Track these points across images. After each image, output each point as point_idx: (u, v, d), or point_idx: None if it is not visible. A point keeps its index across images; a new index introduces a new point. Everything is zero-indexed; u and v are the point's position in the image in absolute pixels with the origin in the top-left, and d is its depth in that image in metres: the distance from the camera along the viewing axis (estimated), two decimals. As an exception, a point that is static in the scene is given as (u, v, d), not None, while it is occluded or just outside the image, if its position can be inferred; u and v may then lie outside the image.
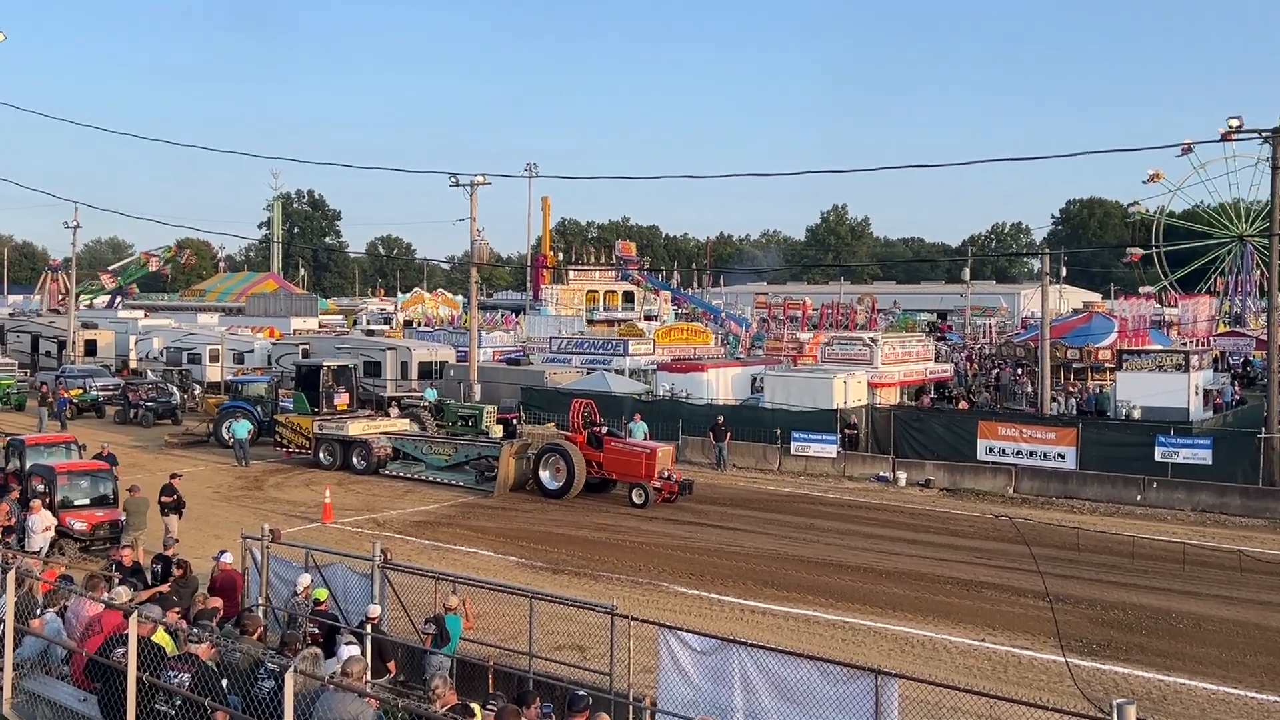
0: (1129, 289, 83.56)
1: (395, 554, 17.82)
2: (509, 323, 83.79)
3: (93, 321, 66.88)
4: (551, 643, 15.24)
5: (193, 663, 9.45)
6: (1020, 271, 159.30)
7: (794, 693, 11.04)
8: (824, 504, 30.74)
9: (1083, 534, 25.50)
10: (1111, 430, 33.58)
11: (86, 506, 23.24)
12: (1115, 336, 44.29)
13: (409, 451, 34.37)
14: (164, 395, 45.95)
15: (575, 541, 25.61)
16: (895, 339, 48.50)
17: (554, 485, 30.79)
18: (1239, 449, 30.44)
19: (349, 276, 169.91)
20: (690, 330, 61.13)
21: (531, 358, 54.94)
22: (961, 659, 17.42)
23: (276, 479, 33.32)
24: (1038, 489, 31.94)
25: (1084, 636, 18.43)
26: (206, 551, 18.53)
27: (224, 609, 13.84)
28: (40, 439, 27.80)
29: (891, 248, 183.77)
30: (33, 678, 11.03)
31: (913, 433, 35.17)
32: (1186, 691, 16.08)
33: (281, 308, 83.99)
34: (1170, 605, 20.46)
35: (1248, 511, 28.82)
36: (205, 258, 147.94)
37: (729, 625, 18.10)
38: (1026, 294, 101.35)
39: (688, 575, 22.44)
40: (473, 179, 43.69)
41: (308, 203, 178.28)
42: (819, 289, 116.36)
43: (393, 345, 51.08)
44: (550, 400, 40.78)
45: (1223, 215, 73.26)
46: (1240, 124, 30.25)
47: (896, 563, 23.68)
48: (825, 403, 36.82)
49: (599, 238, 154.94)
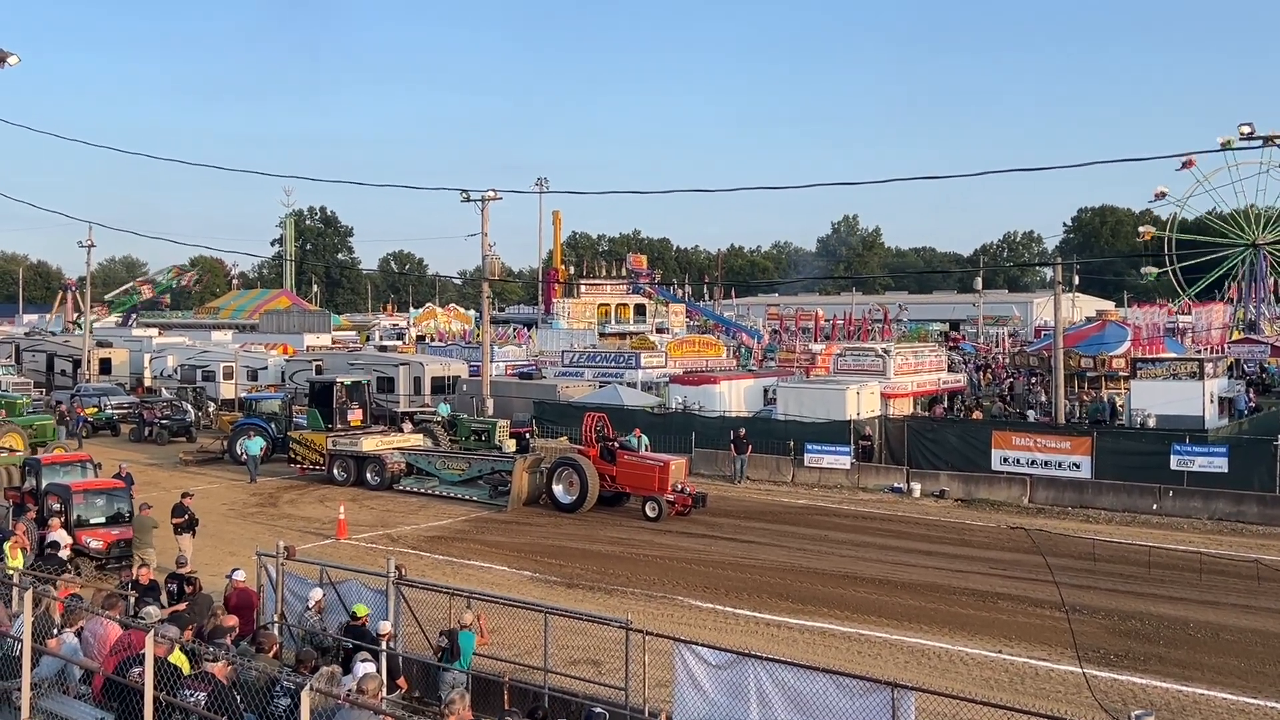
0: (1142, 297, 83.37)
1: (409, 569, 17.85)
2: (521, 337, 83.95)
3: (107, 340, 67.16)
4: (566, 657, 15.23)
5: (208, 681, 9.48)
6: (1033, 280, 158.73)
7: (810, 707, 11.01)
8: (838, 516, 30.66)
9: (1098, 544, 25.39)
10: (1127, 439, 33.43)
11: (102, 525, 23.29)
12: (1129, 344, 44.22)
13: (422, 467, 34.41)
14: (179, 413, 46.11)
15: (589, 556, 25.59)
16: (908, 349, 48.44)
17: (567, 499, 30.79)
18: (1256, 456, 30.24)
19: (361, 292, 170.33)
20: (702, 343, 61.14)
21: (544, 371, 55.01)
22: (978, 670, 17.34)
23: (291, 495, 33.40)
24: (1053, 498, 31.80)
25: (1101, 647, 18.32)
26: (222, 569, 18.56)
27: (239, 627, 13.86)
28: (56, 458, 27.90)
29: (903, 258, 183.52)
30: (50, 697, 11.06)
31: (926, 443, 35.07)
32: (1205, 702, 15.97)
33: (295, 324, 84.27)
34: (1188, 615, 20.34)
35: (1265, 519, 28.63)
36: (219, 275, 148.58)
37: (744, 639, 18.05)
38: (1039, 303, 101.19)
39: (702, 589, 22.39)
40: (484, 194, 43.81)
41: (320, 219, 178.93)
42: (830, 300, 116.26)
43: (405, 361, 51.18)
44: (563, 414, 40.79)
45: (1235, 223, 73.06)
46: (1251, 130, 30.11)
47: (911, 574, 23.59)
48: (838, 414, 36.78)
49: (610, 251, 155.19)
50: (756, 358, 63.82)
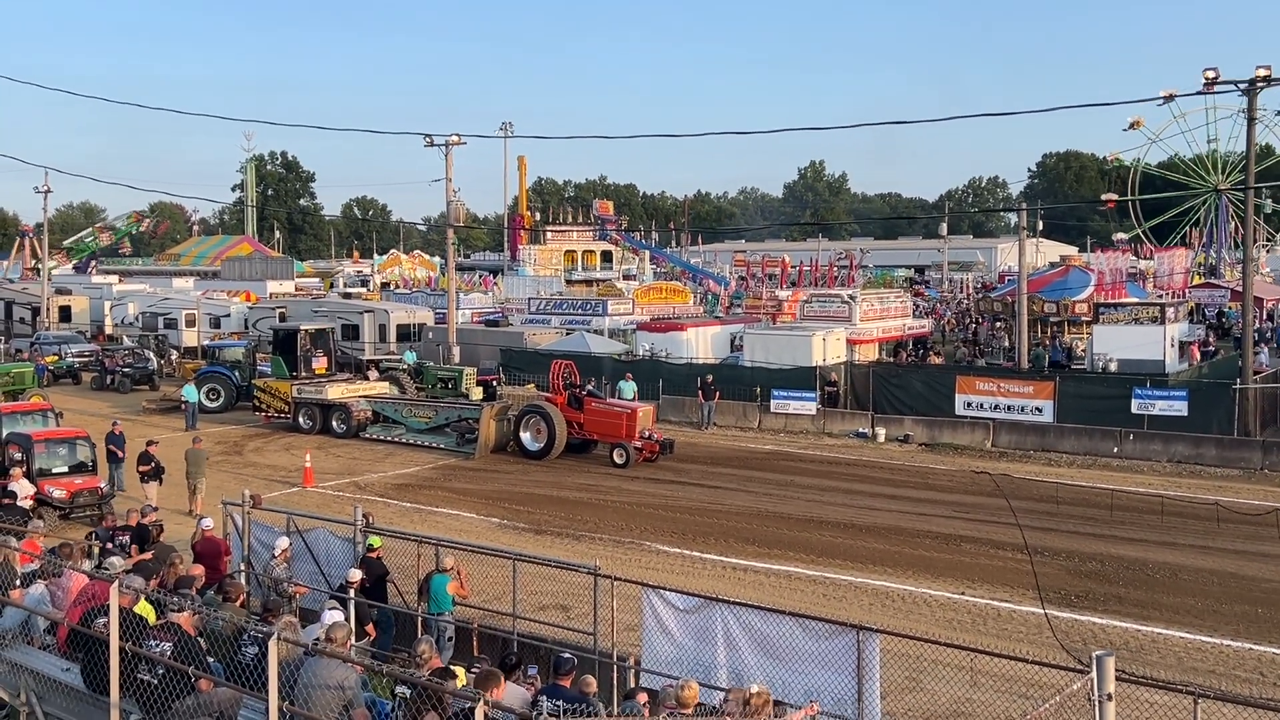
0: (1105, 242, 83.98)
1: (377, 517, 17.85)
2: (487, 284, 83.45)
3: (67, 287, 66.19)
4: (535, 603, 15.31)
5: (174, 632, 9.44)
6: (997, 226, 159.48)
7: (777, 649, 11.12)
8: (804, 461, 30.87)
9: (1061, 487, 25.73)
10: (1088, 383, 33.78)
11: (65, 474, 23.12)
12: (1092, 290, 44.53)
13: (389, 415, 34.29)
14: (140, 361, 45.59)
15: (557, 502, 25.67)
16: (873, 295, 48.58)
17: (535, 446, 30.81)
18: (1214, 400, 30.68)
19: (324, 239, 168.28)
20: (669, 289, 60.96)
21: (510, 319, 54.74)
22: (942, 612, 17.60)
23: (256, 444, 33.21)
24: (1015, 442, 32.14)
25: (1061, 588, 18.63)
26: (187, 518, 18.48)
27: (207, 576, 13.81)
28: (15, 407, 27.58)
29: (869, 204, 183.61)
30: (14, 648, 10.99)
31: (892, 389, 35.29)
32: (1163, 640, 16.31)
33: (257, 271, 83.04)
34: (1147, 556, 20.70)
35: (1223, 462, 29.10)
36: (179, 222, 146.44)
37: (711, 583, 18.22)
38: (1004, 248, 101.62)
39: (670, 534, 22.55)
40: (447, 139, 43.14)
41: (281, 164, 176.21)
42: (797, 246, 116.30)
43: (370, 308, 50.75)
44: (530, 361, 40.70)
45: (1199, 167, 73.54)
46: (1216, 75, 30.23)
47: (876, 518, 23.85)
48: (804, 360, 36.90)
49: (576, 197, 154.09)
50: (724, 304, 63.83)
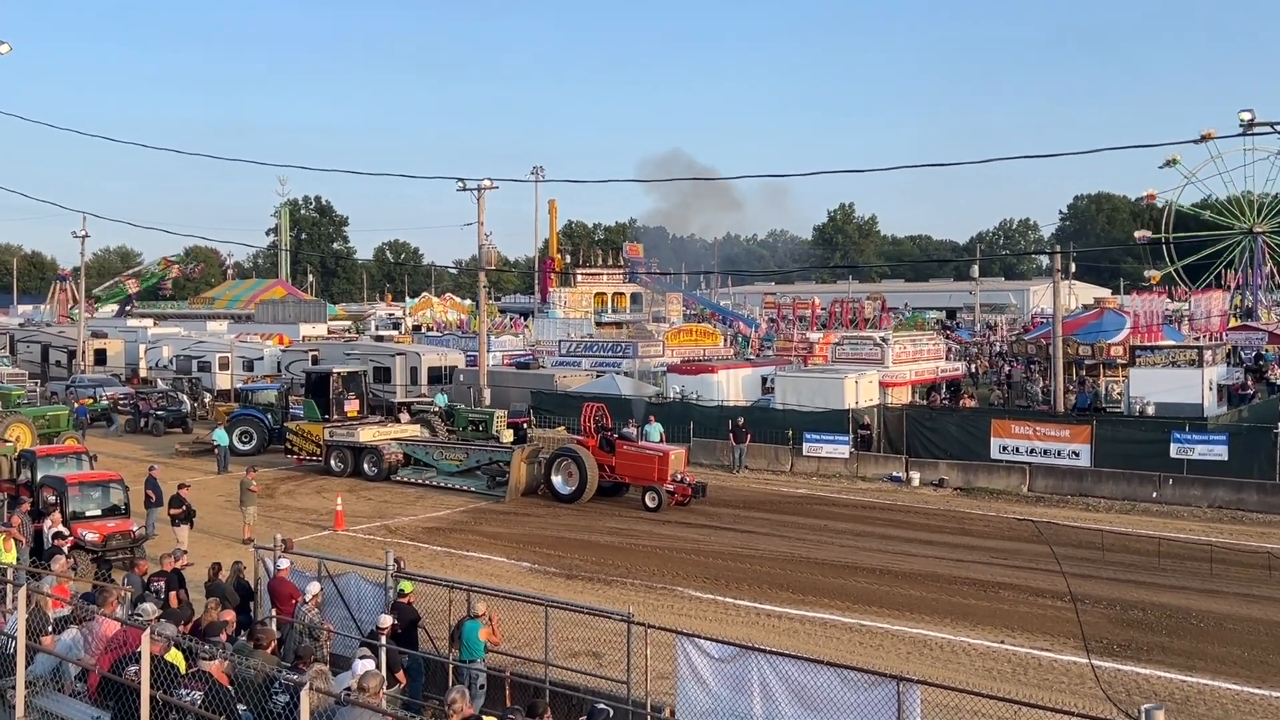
0: (1137, 283, 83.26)
1: (408, 561, 17.76)
2: (518, 326, 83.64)
3: (102, 330, 66.92)
4: (567, 649, 15.12)
5: (205, 680, 9.33)
6: (1029, 268, 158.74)
7: (815, 700, 10.88)
8: (837, 505, 30.56)
9: (1098, 533, 25.27)
10: (1126, 427, 33.30)
11: (98, 518, 23.16)
12: (1128, 332, 44.01)
13: (420, 457, 34.28)
14: (174, 404, 45.93)
15: (588, 546, 25.48)
16: (906, 337, 48.27)
17: (566, 490, 30.67)
18: (1255, 445, 30.12)
19: (357, 282, 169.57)
20: (699, 331, 60.90)
21: (541, 361, 54.82)
22: (981, 661, 17.26)
23: (288, 487, 33.25)
24: (1052, 487, 31.70)
25: (1104, 637, 18.23)
26: (222, 560, 18.38)
27: (278, 616, 13.82)
28: (50, 450, 27.73)
29: (899, 246, 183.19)
30: (46, 694, 10.91)
31: (925, 432, 34.95)
32: (1209, 692, 15.90)
33: (290, 314, 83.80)
34: (1191, 604, 20.25)
35: (1265, 507, 28.55)
36: (213, 265, 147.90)
37: (745, 630, 17.97)
38: (1036, 290, 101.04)
39: (702, 579, 22.30)
40: (480, 183, 43.59)
41: (315, 209, 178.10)
42: (827, 288, 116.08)
43: (402, 350, 50.99)
44: (560, 404, 40.64)
45: (1234, 208, 72.92)
46: (1253, 117, 29.92)
47: (912, 564, 23.50)
48: (837, 403, 36.64)
49: (606, 240, 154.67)
50: (754, 346, 63.64)
